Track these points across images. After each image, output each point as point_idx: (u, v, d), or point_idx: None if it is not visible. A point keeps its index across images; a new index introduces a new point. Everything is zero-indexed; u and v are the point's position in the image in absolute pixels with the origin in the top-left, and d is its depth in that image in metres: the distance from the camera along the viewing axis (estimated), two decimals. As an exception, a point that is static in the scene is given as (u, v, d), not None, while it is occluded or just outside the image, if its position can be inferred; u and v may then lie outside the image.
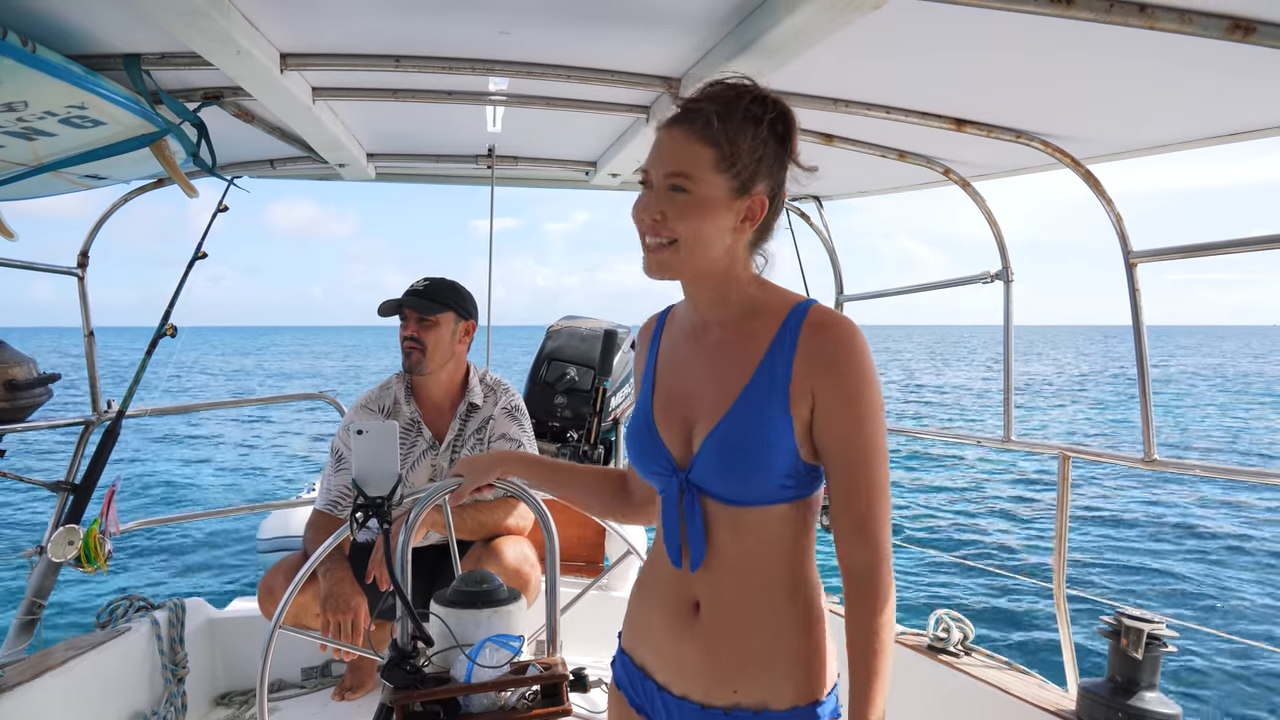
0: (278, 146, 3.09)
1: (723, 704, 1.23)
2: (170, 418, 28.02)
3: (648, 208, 1.22)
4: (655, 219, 1.22)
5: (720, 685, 1.24)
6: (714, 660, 1.25)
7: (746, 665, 1.22)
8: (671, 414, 1.32)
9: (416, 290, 2.82)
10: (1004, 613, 9.80)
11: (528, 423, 2.99)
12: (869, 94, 2.41)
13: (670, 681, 1.30)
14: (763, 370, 1.22)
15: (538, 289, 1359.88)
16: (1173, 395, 41.80)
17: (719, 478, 1.23)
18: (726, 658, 1.24)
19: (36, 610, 2.85)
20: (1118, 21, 1.62)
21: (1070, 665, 2.67)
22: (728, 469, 1.22)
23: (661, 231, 1.22)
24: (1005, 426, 3.15)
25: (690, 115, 1.22)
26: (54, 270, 3.21)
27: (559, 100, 2.64)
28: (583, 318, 4.21)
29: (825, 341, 1.19)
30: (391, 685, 1.73)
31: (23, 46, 1.73)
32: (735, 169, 1.20)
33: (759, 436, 1.20)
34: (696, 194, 1.20)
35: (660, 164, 1.22)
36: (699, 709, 1.25)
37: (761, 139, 1.21)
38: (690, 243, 1.21)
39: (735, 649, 1.24)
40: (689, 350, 1.35)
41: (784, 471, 1.20)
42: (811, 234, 3.99)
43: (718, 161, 1.20)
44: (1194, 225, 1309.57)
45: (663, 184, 1.22)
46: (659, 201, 1.22)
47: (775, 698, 1.21)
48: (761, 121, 1.21)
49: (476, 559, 2.69)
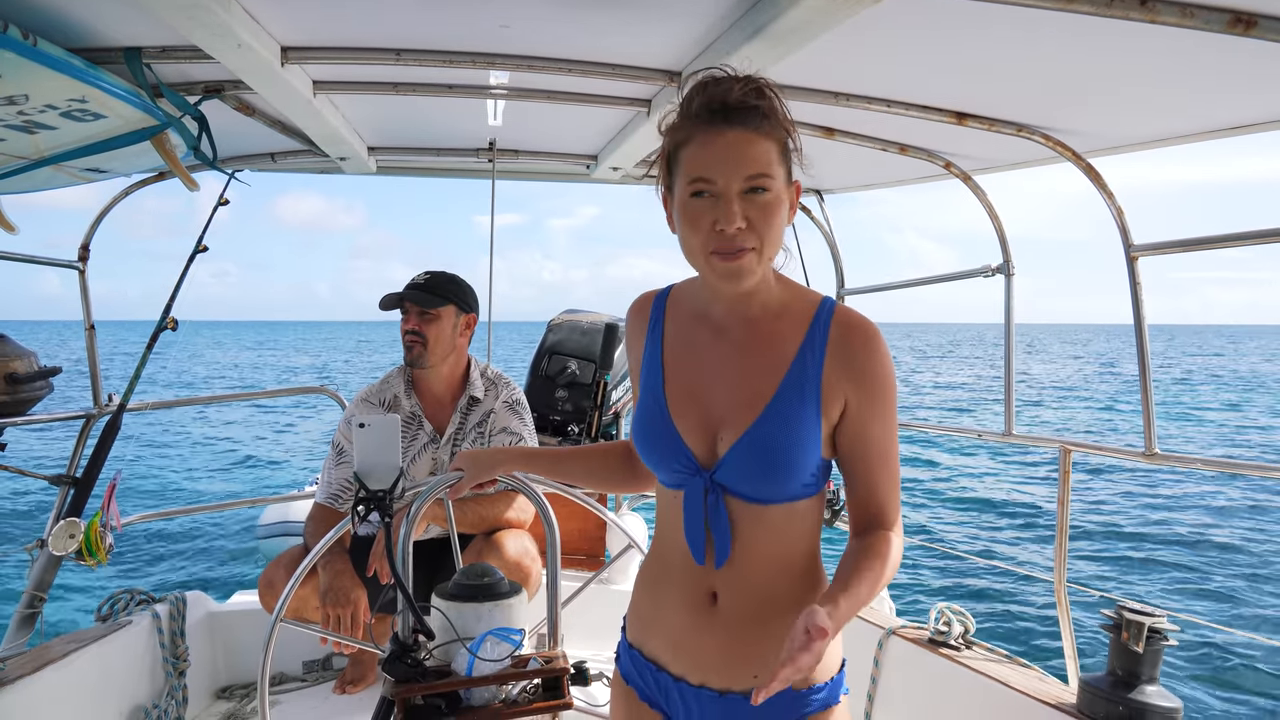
0: (278, 140, 3.09)
1: (742, 689, 1.26)
2: (172, 411, 28.09)
3: (731, 217, 1.15)
4: (741, 227, 1.16)
5: (740, 670, 1.27)
6: (734, 648, 1.27)
7: (766, 650, 1.23)
8: (691, 412, 1.30)
9: (417, 284, 2.81)
10: (1005, 606, 9.81)
11: (528, 416, 2.99)
12: (870, 87, 2.40)
13: (687, 671, 1.31)
14: (794, 373, 1.23)
15: (544, 283, 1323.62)
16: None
17: (750, 480, 1.24)
18: (746, 644, 1.27)
19: (37, 604, 2.85)
20: (1119, 15, 1.62)
21: (1071, 658, 2.68)
22: (762, 472, 1.23)
23: (749, 240, 1.17)
24: (1006, 420, 3.15)
25: (744, 114, 1.17)
26: (55, 263, 3.21)
27: (560, 94, 2.64)
28: (584, 311, 4.20)
29: (856, 344, 1.23)
30: (393, 678, 1.74)
31: (23, 40, 1.73)
32: (789, 157, 1.21)
33: (793, 440, 1.21)
34: (775, 191, 1.18)
35: (734, 169, 1.16)
36: (717, 695, 1.28)
37: (791, 123, 1.22)
38: (773, 244, 1.20)
39: (755, 636, 1.26)
40: (710, 346, 1.32)
41: (811, 470, 1.24)
42: (812, 227, 3.99)
43: (781, 155, 1.19)
44: (1193, 222, 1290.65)
45: (739, 188, 1.16)
46: (742, 207, 1.16)
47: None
48: (783, 106, 1.21)
49: (477, 552, 2.70)
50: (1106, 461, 18.60)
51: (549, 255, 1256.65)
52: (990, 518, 14.86)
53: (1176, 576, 11.47)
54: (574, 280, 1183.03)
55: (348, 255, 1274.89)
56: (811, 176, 3.76)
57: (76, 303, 3.29)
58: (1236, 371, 58.25)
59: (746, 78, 1.19)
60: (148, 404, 3.48)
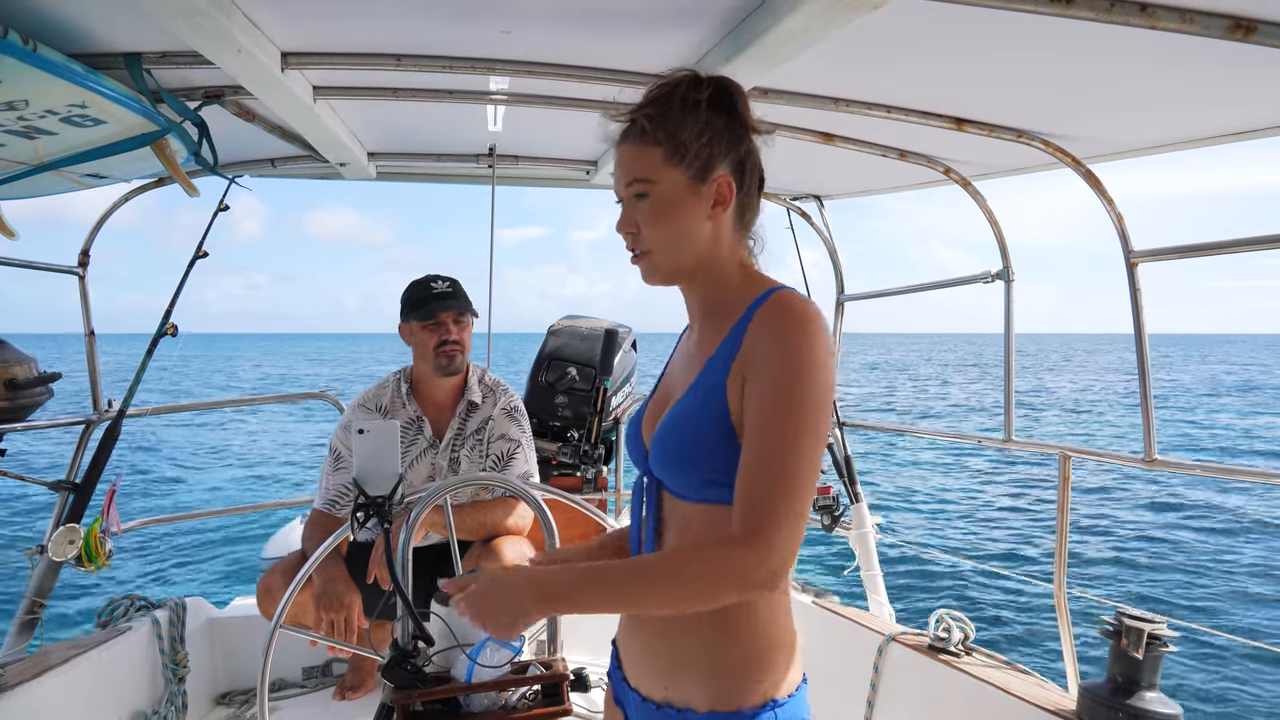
0: (279, 145, 3.09)
1: (657, 699, 1.26)
2: (172, 417, 28.07)
3: (622, 223, 1.27)
4: (631, 232, 1.26)
5: (655, 680, 1.27)
6: (650, 657, 1.28)
7: (675, 665, 1.24)
8: (654, 408, 1.35)
9: (448, 293, 2.86)
10: (1005, 613, 9.80)
11: (526, 422, 3.00)
12: (869, 93, 2.41)
13: (630, 673, 1.34)
14: (712, 361, 1.21)
15: (567, 297, 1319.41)
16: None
17: (663, 466, 1.25)
18: (659, 656, 1.27)
19: (37, 610, 2.85)
20: (1118, 21, 1.62)
21: (1071, 665, 2.67)
22: (666, 456, 1.23)
23: (639, 243, 1.26)
24: (1006, 426, 3.15)
25: (630, 125, 1.25)
26: (55, 269, 3.21)
27: (560, 99, 2.64)
28: (584, 317, 4.20)
29: (767, 327, 1.15)
30: (392, 685, 1.74)
31: (24, 45, 1.73)
32: (686, 159, 1.21)
33: (693, 424, 1.19)
34: (657, 194, 1.22)
35: (619, 178, 1.26)
36: (641, 700, 1.29)
37: (704, 120, 1.22)
38: (665, 245, 1.24)
39: (666, 648, 1.25)
40: (681, 348, 1.38)
41: (718, 465, 1.17)
42: (812, 233, 3.99)
43: (667, 157, 1.22)
44: (1191, 229, 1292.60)
45: (628, 196, 1.25)
46: (629, 213, 1.26)
47: (697, 699, 1.21)
48: (700, 104, 1.22)
49: (476, 559, 2.70)
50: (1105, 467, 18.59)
51: (573, 269, 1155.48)
52: (990, 523, 14.85)
53: (1177, 582, 11.45)
54: (598, 293, 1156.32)
55: (379, 268, 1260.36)
56: (810, 182, 3.79)
57: (111, 315, 3.29)
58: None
59: (654, 83, 1.27)
60: (148, 409, 3.48)
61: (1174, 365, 78.51)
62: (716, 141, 1.23)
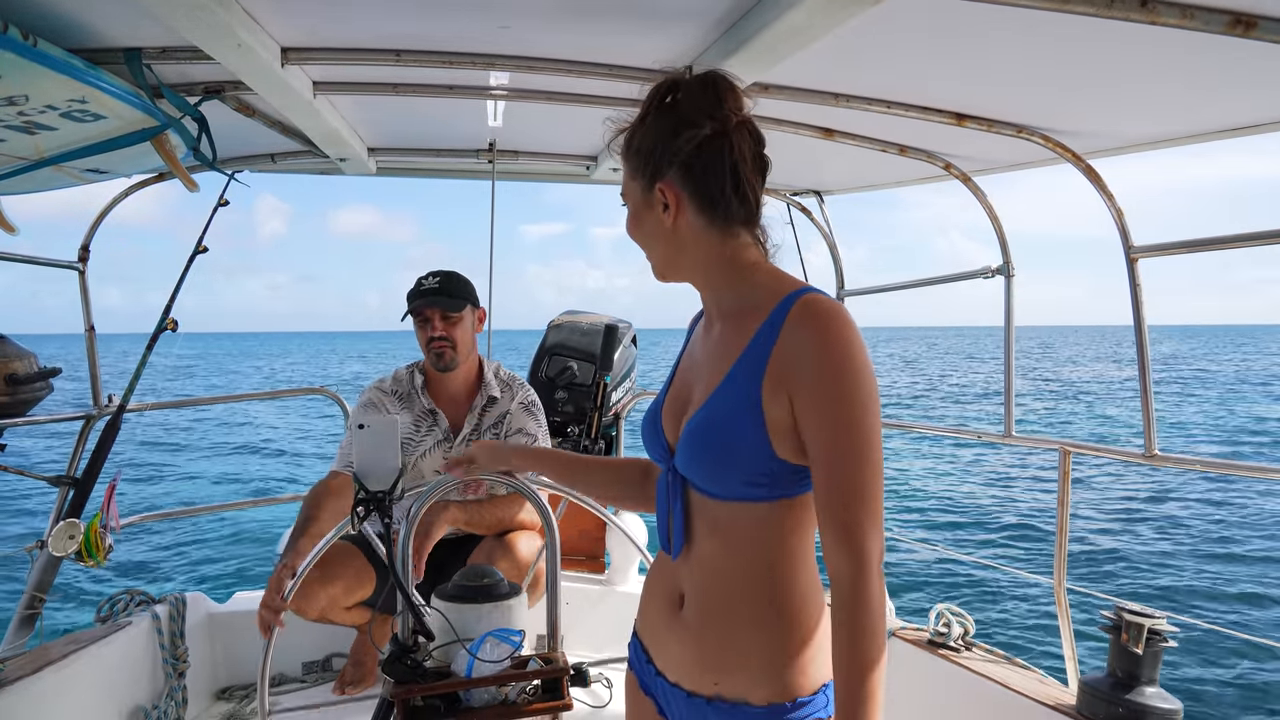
0: (279, 141, 3.09)
1: (706, 694, 1.25)
2: (172, 412, 28.07)
3: (627, 229, 1.37)
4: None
5: (702, 676, 1.26)
6: (695, 652, 1.27)
7: (724, 660, 1.23)
8: (674, 403, 1.35)
9: (435, 289, 2.82)
10: (1005, 608, 9.81)
11: (543, 417, 3.00)
12: (869, 88, 2.40)
13: (665, 668, 1.33)
14: (741, 363, 1.20)
15: (588, 291, 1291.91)
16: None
17: (693, 465, 1.24)
18: (706, 651, 1.26)
19: (37, 605, 2.85)
20: (1119, 16, 1.62)
21: (1071, 660, 2.68)
22: (698, 459, 1.23)
23: (643, 249, 1.35)
24: (1006, 422, 3.15)
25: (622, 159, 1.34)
26: (55, 264, 3.20)
27: (560, 95, 2.64)
28: (584, 312, 4.20)
29: (805, 334, 1.14)
30: (392, 679, 1.74)
31: (23, 40, 1.73)
32: (643, 170, 1.27)
33: (727, 429, 1.19)
34: (630, 206, 1.33)
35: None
36: (686, 696, 1.28)
37: (646, 128, 1.27)
38: (648, 250, 1.33)
39: (714, 643, 1.25)
40: (700, 343, 1.38)
41: (755, 469, 1.17)
42: (811, 227, 3.99)
43: (631, 171, 1.30)
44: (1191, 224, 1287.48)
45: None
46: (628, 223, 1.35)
47: (752, 693, 1.21)
48: (647, 115, 1.27)
49: (488, 553, 2.70)
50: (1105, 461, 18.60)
51: (593, 264, 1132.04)
52: (990, 518, 14.85)
53: (1177, 578, 11.46)
54: (617, 288, 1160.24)
55: (400, 267, 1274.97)
56: (811, 178, 3.79)
57: (128, 316, 3.29)
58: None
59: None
60: (147, 405, 3.48)
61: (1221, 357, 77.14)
62: (658, 148, 1.25)
